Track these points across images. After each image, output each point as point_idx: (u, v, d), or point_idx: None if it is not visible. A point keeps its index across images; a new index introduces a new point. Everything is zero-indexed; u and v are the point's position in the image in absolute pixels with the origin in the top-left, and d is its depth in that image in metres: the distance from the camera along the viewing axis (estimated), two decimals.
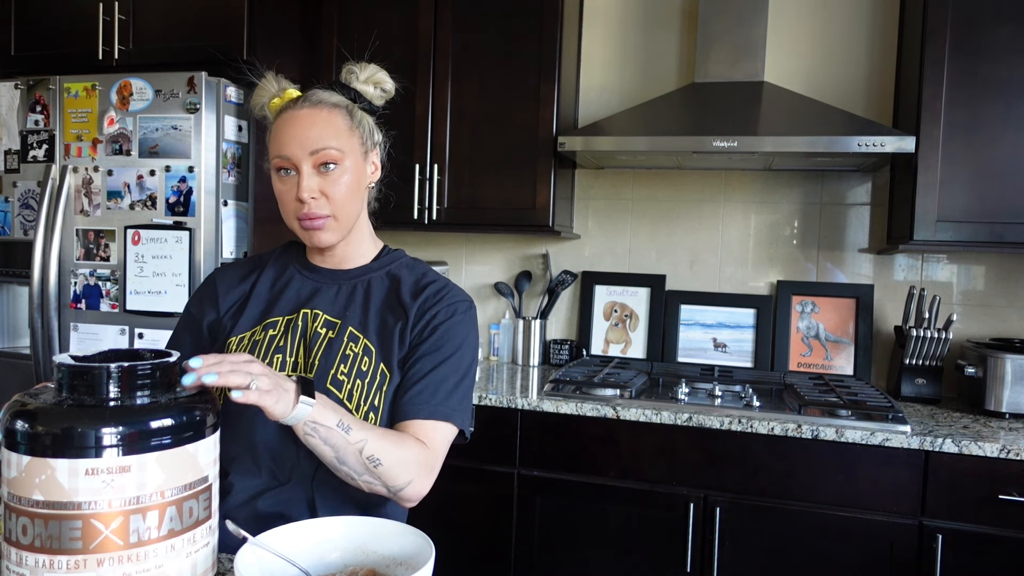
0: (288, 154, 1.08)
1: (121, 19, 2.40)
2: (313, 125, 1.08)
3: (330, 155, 1.08)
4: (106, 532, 0.68)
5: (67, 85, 2.30)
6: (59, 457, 0.68)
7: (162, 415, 0.73)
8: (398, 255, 1.24)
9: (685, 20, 2.58)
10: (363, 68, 1.17)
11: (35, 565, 0.68)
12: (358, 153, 1.13)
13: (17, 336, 2.60)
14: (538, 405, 2.06)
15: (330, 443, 0.95)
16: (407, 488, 1.02)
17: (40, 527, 0.68)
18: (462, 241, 2.83)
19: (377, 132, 1.20)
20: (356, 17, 2.51)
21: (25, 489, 0.69)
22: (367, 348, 1.11)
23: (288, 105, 1.12)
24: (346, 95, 1.15)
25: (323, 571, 0.86)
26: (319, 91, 1.13)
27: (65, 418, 0.69)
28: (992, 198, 2.02)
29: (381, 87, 1.18)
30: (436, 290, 1.17)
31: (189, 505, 0.75)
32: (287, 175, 1.10)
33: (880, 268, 2.45)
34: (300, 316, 1.14)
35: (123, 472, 0.69)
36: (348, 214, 1.13)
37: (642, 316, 2.63)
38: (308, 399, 0.91)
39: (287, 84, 1.17)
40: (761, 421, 1.90)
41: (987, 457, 1.76)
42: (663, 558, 1.99)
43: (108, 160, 2.27)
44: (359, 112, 1.15)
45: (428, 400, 1.09)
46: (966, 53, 2.02)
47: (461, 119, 2.44)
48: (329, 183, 1.09)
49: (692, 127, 2.20)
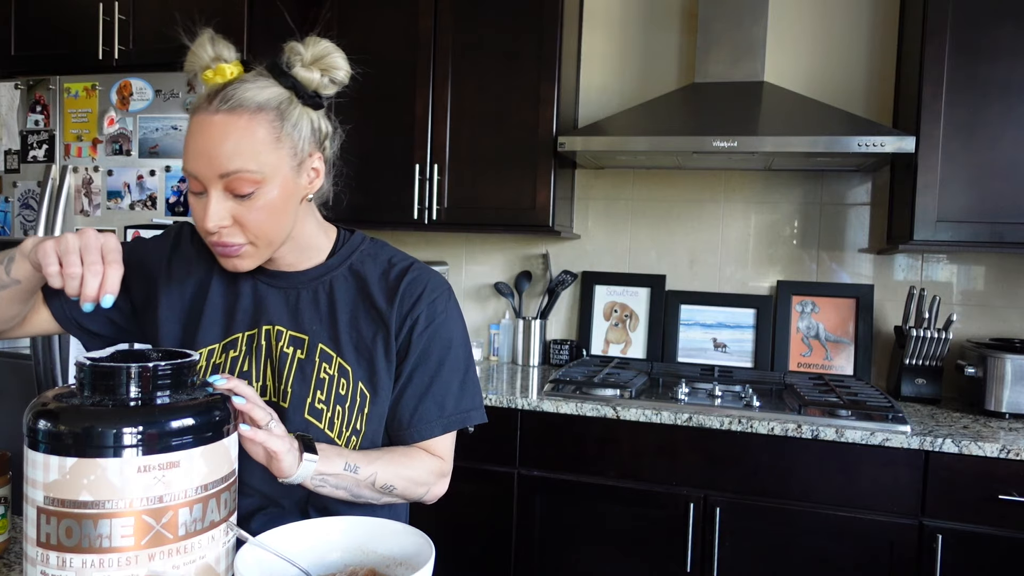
0: (194, 172, 0.88)
1: (121, 19, 2.40)
2: (225, 139, 0.87)
3: (243, 180, 0.88)
4: (157, 527, 0.69)
5: (67, 85, 2.31)
6: (110, 456, 0.67)
7: (207, 411, 0.74)
8: (356, 242, 1.07)
9: (685, 20, 2.58)
10: (311, 46, 0.94)
11: (81, 566, 0.67)
12: (287, 167, 0.92)
13: None
14: (538, 405, 2.06)
15: (341, 487, 0.94)
16: (424, 497, 1.05)
17: (89, 528, 0.67)
18: (462, 241, 2.84)
19: (324, 126, 0.99)
20: (356, 17, 2.51)
21: (70, 491, 0.67)
22: (342, 368, 1.00)
23: (203, 103, 0.89)
24: (284, 84, 0.92)
25: (323, 571, 0.86)
26: (247, 84, 0.90)
27: (115, 417, 0.69)
28: (992, 198, 2.02)
29: (331, 75, 0.96)
30: (409, 285, 1.03)
31: (224, 496, 0.77)
32: (199, 194, 0.90)
33: (880, 268, 2.45)
34: (262, 334, 1.01)
35: (172, 468, 0.69)
36: (271, 239, 0.94)
37: (642, 316, 2.63)
38: (311, 456, 0.88)
39: (224, 50, 0.93)
40: (761, 421, 1.90)
41: (987, 457, 1.76)
42: (663, 558, 1.99)
43: (108, 160, 2.27)
44: (296, 111, 0.93)
45: (439, 416, 1.04)
46: (966, 53, 2.02)
47: (461, 119, 2.44)
48: (244, 210, 0.90)
49: (692, 127, 2.20)
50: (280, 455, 0.85)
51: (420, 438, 1.04)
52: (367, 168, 2.52)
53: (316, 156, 0.97)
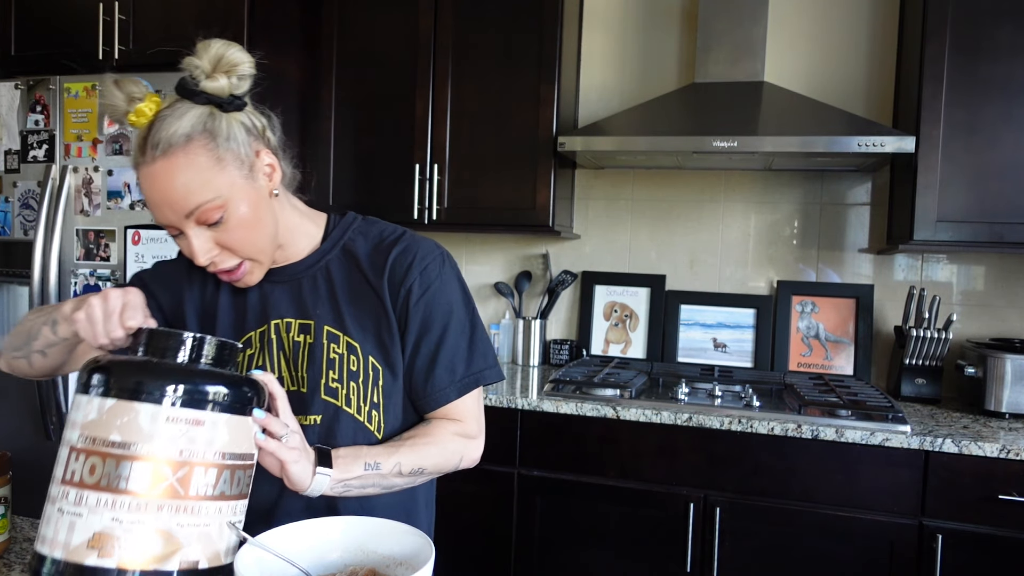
0: (162, 221, 0.93)
1: (121, 19, 2.40)
2: (174, 181, 0.89)
3: (208, 211, 0.91)
4: (172, 479, 0.72)
5: (67, 85, 2.31)
6: (144, 401, 0.73)
7: (238, 385, 0.79)
8: (348, 222, 1.09)
9: (685, 20, 2.58)
10: (204, 53, 0.91)
11: (96, 504, 0.71)
12: (240, 179, 0.93)
13: None
14: (538, 405, 2.06)
15: (368, 485, 0.95)
16: (461, 463, 1.06)
17: (111, 467, 0.71)
18: (462, 241, 2.84)
19: (256, 121, 0.98)
20: (356, 17, 2.51)
21: (103, 430, 0.72)
22: (350, 346, 1.03)
23: (139, 156, 0.91)
24: (198, 102, 0.91)
25: (323, 571, 0.86)
26: (166, 119, 0.90)
27: (157, 369, 0.76)
28: (992, 198, 2.02)
29: (236, 73, 0.92)
30: (398, 256, 1.04)
31: (238, 475, 0.79)
32: (178, 235, 0.94)
33: (880, 268, 2.45)
34: (272, 328, 1.04)
35: (197, 425, 0.74)
36: (261, 248, 0.98)
37: (642, 316, 2.63)
38: (325, 469, 0.89)
39: (133, 87, 0.92)
40: (761, 421, 1.90)
41: (987, 457, 1.76)
42: (663, 558, 1.99)
43: (108, 160, 2.27)
44: (223, 122, 0.92)
45: (451, 381, 1.05)
46: (966, 53, 2.02)
47: (461, 119, 2.44)
48: (223, 235, 0.93)
49: (692, 127, 2.20)
50: (288, 463, 0.86)
51: (437, 405, 1.06)
52: (367, 168, 2.52)
53: (263, 152, 0.97)
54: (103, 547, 0.69)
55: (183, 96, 0.92)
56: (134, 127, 0.92)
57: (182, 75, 0.93)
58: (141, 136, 0.91)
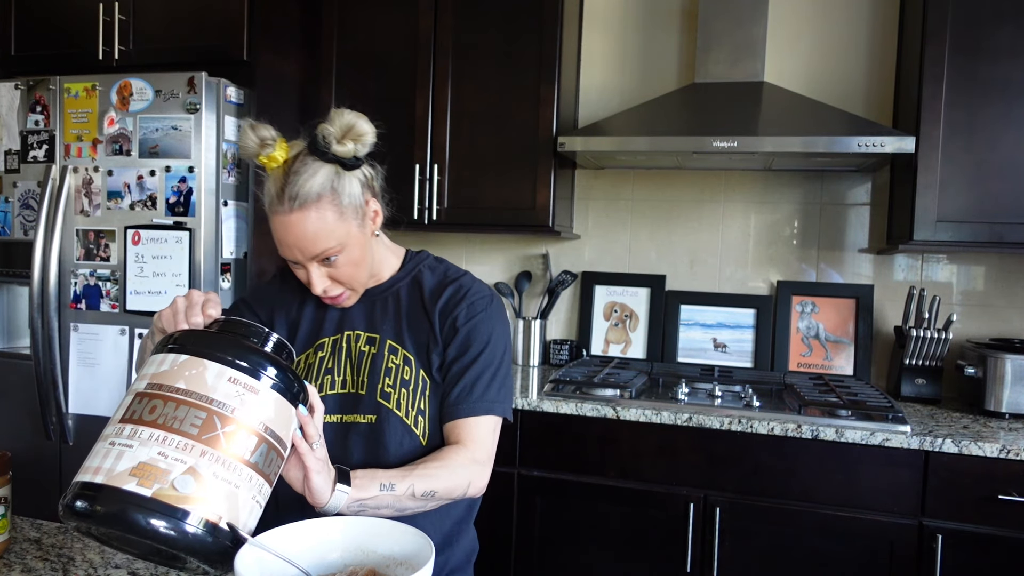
0: (291, 258, 1.13)
1: (121, 19, 2.40)
2: (305, 231, 1.08)
3: (330, 253, 1.10)
4: (219, 431, 0.79)
5: (67, 85, 2.30)
6: (213, 361, 0.83)
7: (292, 376, 0.88)
8: (421, 258, 1.28)
9: (685, 20, 2.58)
10: (337, 120, 1.08)
11: (148, 438, 0.77)
12: (354, 228, 1.12)
13: (17, 336, 2.60)
14: (538, 405, 2.06)
15: (382, 506, 1.01)
16: (469, 490, 1.12)
17: (171, 408, 0.79)
18: (462, 241, 2.84)
19: (368, 173, 1.16)
20: (356, 17, 2.51)
21: (171, 379, 0.82)
22: (407, 358, 1.18)
23: (275, 203, 1.08)
24: (326, 161, 1.08)
25: (323, 571, 0.86)
26: (301, 175, 1.07)
27: (229, 340, 0.87)
28: (992, 198, 2.02)
29: (361, 142, 1.10)
30: (455, 291, 1.21)
31: (272, 456, 0.84)
32: (296, 265, 1.15)
33: (880, 268, 2.45)
34: (344, 338, 1.21)
35: (251, 392, 0.83)
36: (361, 279, 1.18)
37: (642, 316, 2.63)
38: (344, 487, 0.96)
39: (264, 131, 1.09)
40: (761, 421, 1.90)
41: (987, 457, 1.76)
42: (663, 558, 1.99)
43: (108, 160, 2.27)
44: (344, 179, 1.10)
45: (467, 399, 1.15)
46: (966, 53, 2.02)
47: (461, 119, 2.44)
48: (334, 270, 1.13)
49: (692, 127, 2.20)
50: (311, 471, 0.92)
51: (451, 419, 1.16)
52: None
53: (371, 201, 1.15)
54: (144, 476, 0.74)
55: (313, 153, 1.08)
56: (265, 168, 1.10)
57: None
58: (278, 186, 1.08)
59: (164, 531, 0.73)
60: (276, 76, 2.43)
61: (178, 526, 0.74)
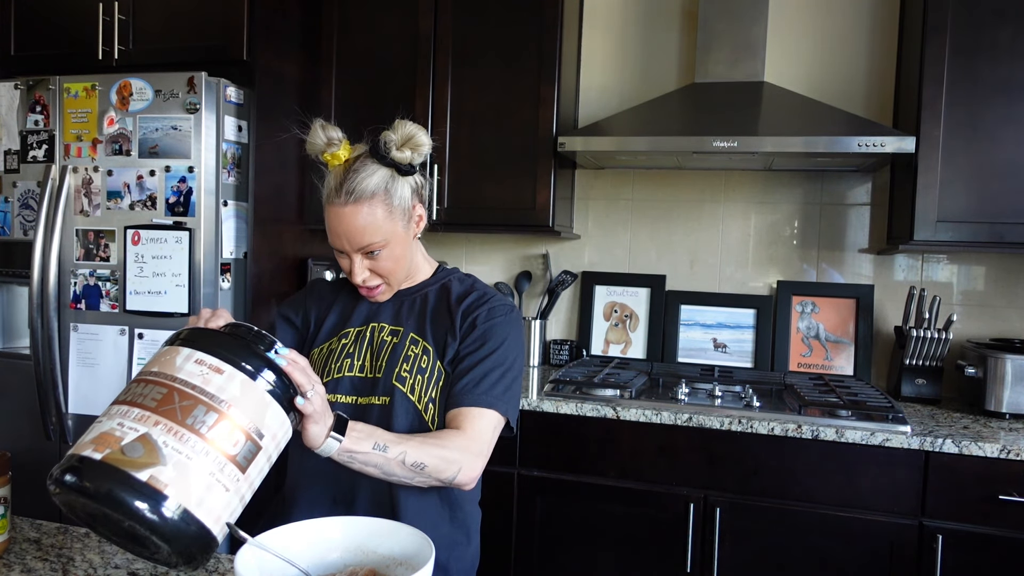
0: (339, 247, 1.23)
1: (121, 19, 2.40)
2: (355, 224, 1.18)
3: (374, 247, 1.20)
4: (176, 404, 0.83)
5: (67, 85, 2.30)
6: (182, 347, 0.89)
7: (254, 351, 0.91)
8: (451, 271, 1.38)
9: (685, 20, 2.58)
10: (399, 129, 1.21)
11: (114, 413, 0.83)
12: (400, 227, 1.22)
13: (17, 336, 2.60)
14: (538, 405, 2.06)
15: (370, 464, 1.05)
16: (458, 476, 1.14)
17: (140, 388, 0.85)
18: (462, 241, 2.84)
19: (418, 181, 1.26)
20: (356, 17, 2.51)
21: (152, 365, 0.89)
22: (426, 349, 1.25)
23: (332, 195, 1.19)
24: (384, 164, 1.19)
25: (323, 571, 0.86)
26: (360, 174, 1.18)
27: (206, 333, 0.92)
28: (992, 198, 2.02)
29: (418, 151, 1.22)
30: (478, 296, 1.29)
31: (235, 437, 0.84)
32: (342, 254, 1.24)
33: (880, 268, 2.45)
34: (368, 329, 1.29)
35: (217, 373, 0.87)
36: (399, 277, 1.27)
37: (642, 316, 2.63)
38: (337, 435, 1.01)
39: (333, 132, 1.20)
40: (761, 421, 1.90)
41: (987, 457, 1.76)
42: (663, 558, 1.99)
43: (108, 160, 2.27)
44: (398, 183, 1.21)
45: (472, 390, 1.20)
46: (966, 53, 2.02)
47: (461, 119, 2.44)
48: (378, 264, 1.23)
49: (692, 127, 2.20)
50: (307, 415, 0.95)
51: (455, 406, 1.20)
52: None
53: (418, 206, 1.26)
54: (100, 443, 0.79)
55: (373, 155, 1.20)
56: (327, 164, 1.20)
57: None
58: (337, 180, 1.19)
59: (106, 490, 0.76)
60: (276, 76, 2.42)
61: (123, 481, 0.76)
